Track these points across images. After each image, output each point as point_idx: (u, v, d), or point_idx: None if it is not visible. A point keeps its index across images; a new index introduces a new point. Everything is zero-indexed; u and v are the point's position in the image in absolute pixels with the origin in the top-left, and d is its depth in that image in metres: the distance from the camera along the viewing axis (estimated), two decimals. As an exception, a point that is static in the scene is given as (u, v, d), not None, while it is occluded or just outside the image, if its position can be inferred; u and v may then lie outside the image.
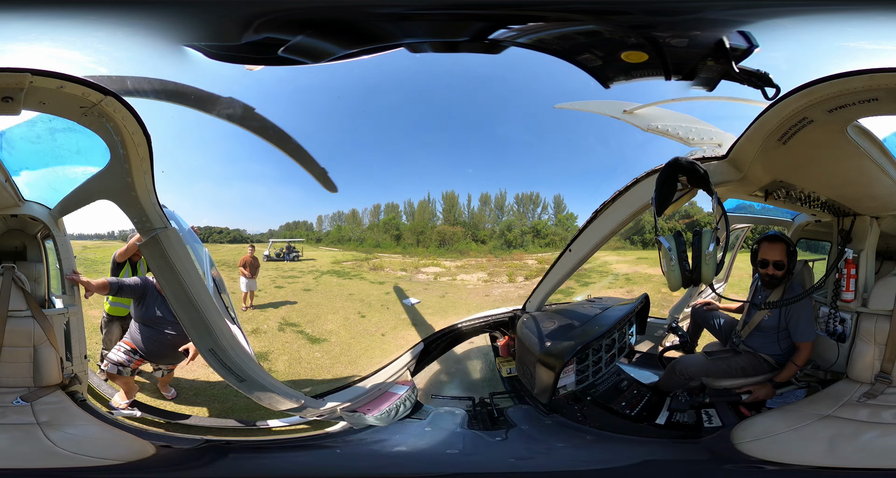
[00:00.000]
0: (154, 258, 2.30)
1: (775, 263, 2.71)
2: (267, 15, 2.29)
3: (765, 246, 2.75)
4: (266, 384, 2.60)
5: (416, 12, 2.36)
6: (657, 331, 3.88)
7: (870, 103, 1.84)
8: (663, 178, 2.22)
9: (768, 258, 2.72)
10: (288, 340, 5.29)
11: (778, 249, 2.71)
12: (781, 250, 2.70)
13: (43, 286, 2.86)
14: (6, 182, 2.51)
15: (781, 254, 2.70)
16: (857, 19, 2.27)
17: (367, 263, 7.91)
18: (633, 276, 7.18)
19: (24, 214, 2.73)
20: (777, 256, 2.70)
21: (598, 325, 3.06)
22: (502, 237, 8.04)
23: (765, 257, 2.73)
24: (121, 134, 2.09)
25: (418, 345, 3.35)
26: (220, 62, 2.53)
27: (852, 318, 2.64)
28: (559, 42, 2.50)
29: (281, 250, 7.87)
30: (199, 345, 2.48)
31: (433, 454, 2.49)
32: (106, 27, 2.29)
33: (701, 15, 2.28)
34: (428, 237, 7.95)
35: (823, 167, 2.22)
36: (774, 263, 2.71)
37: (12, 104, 1.89)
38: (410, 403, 2.85)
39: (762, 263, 2.74)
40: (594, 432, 2.68)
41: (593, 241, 2.90)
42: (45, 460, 2.14)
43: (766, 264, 2.73)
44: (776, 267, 2.71)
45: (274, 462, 2.42)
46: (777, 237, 2.77)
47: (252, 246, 6.21)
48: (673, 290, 2.29)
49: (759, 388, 2.77)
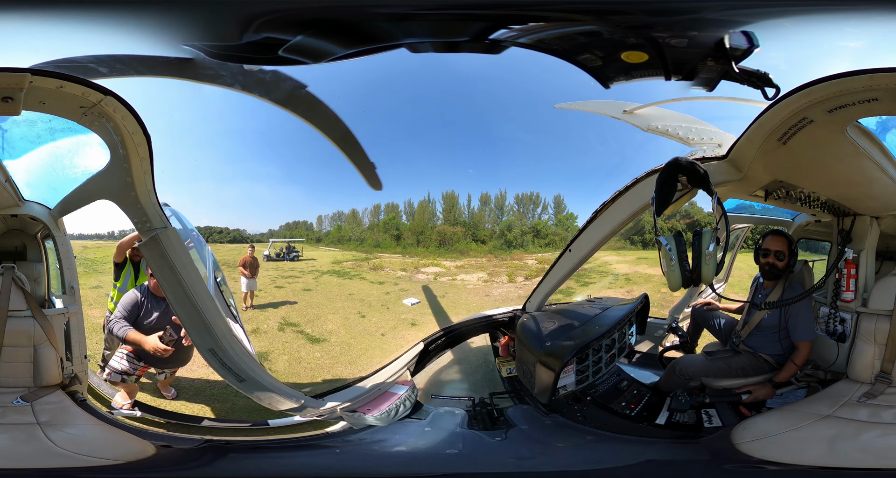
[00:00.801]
0: (154, 258, 2.30)
1: (776, 253, 2.76)
2: (267, 15, 2.29)
3: (768, 239, 2.82)
4: (266, 384, 2.59)
5: (417, 12, 2.36)
6: (657, 331, 3.88)
7: (869, 103, 1.84)
8: (663, 178, 2.22)
9: (770, 248, 2.78)
10: (288, 339, 5.29)
11: (780, 242, 2.78)
12: (783, 243, 2.77)
13: (43, 286, 2.86)
14: (6, 182, 2.51)
15: (783, 246, 2.76)
16: (857, 19, 2.27)
17: (367, 263, 7.91)
18: (633, 276, 7.18)
19: (24, 214, 2.73)
20: (778, 247, 2.77)
21: (598, 325, 3.06)
22: (502, 237, 8.04)
23: (767, 247, 2.80)
24: (121, 134, 2.09)
25: (418, 345, 3.35)
26: (221, 62, 2.53)
27: (852, 318, 2.64)
28: (560, 42, 2.50)
29: (281, 250, 7.87)
30: (199, 345, 2.47)
31: (433, 454, 2.49)
32: (106, 27, 2.29)
33: (701, 15, 2.28)
34: (428, 237, 7.94)
35: (823, 167, 2.22)
36: (776, 252, 2.76)
37: (12, 104, 1.89)
38: (410, 403, 2.85)
39: (764, 252, 2.80)
40: (594, 432, 2.68)
41: (593, 241, 2.90)
42: (45, 460, 2.14)
43: (767, 254, 2.79)
44: (777, 257, 2.76)
45: (274, 462, 2.42)
46: (781, 232, 2.84)
47: (252, 246, 6.21)
48: (673, 290, 2.29)
49: (759, 388, 2.77)
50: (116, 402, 2.96)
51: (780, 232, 2.84)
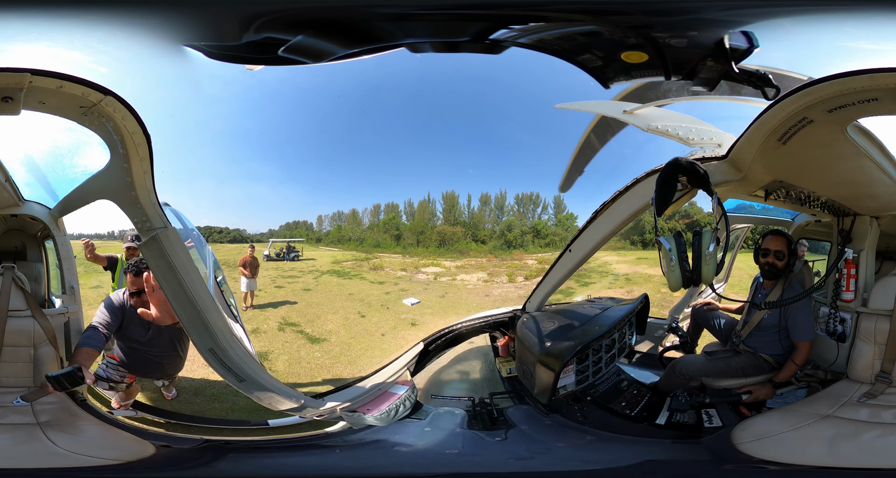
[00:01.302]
0: (154, 258, 2.30)
1: (776, 253, 2.77)
2: (267, 14, 2.29)
3: (768, 239, 2.83)
4: (266, 384, 2.59)
5: (418, 12, 2.36)
6: (657, 331, 3.88)
7: (869, 103, 1.84)
8: (663, 178, 2.22)
9: (770, 248, 2.79)
10: (288, 339, 5.29)
11: (780, 242, 2.78)
12: (783, 243, 2.78)
13: (43, 286, 2.86)
14: (6, 182, 2.51)
15: (783, 245, 2.77)
16: (856, 19, 2.27)
17: (367, 263, 7.90)
18: (633, 276, 7.17)
19: (23, 213, 2.73)
20: (778, 247, 2.77)
21: (598, 325, 3.06)
22: (502, 237, 8.02)
23: (766, 247, 2.80)
24: (120, 134, 2.09)
25: (418, 345, 3.35)
26: (221, 62, 2.53)
27: (852, 318, 2.64)
28: (560, 42, 2.50)
29: (281, 250, 7.85)
30: (199, 345, 2.47)
31: (433, 454, 2.49)
32: (106, 27, 2.29)
33: (700, 15, 2.28)
34: (428, 237, 7.92)
35: (823, 167, 2.22)
36: (775, 252, 2.77)
37: (12, 104, 1.89)
38: (410, 403, 2.85)
39: (763, 252, 2.80)
40: (594, 433, 2.68)
41: (593, 241, 2.90)
42: (45, 460, 2.14)
43: (767, 253, 2.79)
44: (776, 256, 2.77)
45: (273, 462, 2.42)
46: (780, 232, 2.85)
47: (252, 246, 6.18)
48: (673, 290, 2.29)
49: (759, 388, 2.77)
50: (116, 402, 2.96)
51: (780, 232, 2.85)
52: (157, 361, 2.85)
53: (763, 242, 2.84)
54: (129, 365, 2.83)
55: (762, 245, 2.83)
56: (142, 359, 2.82)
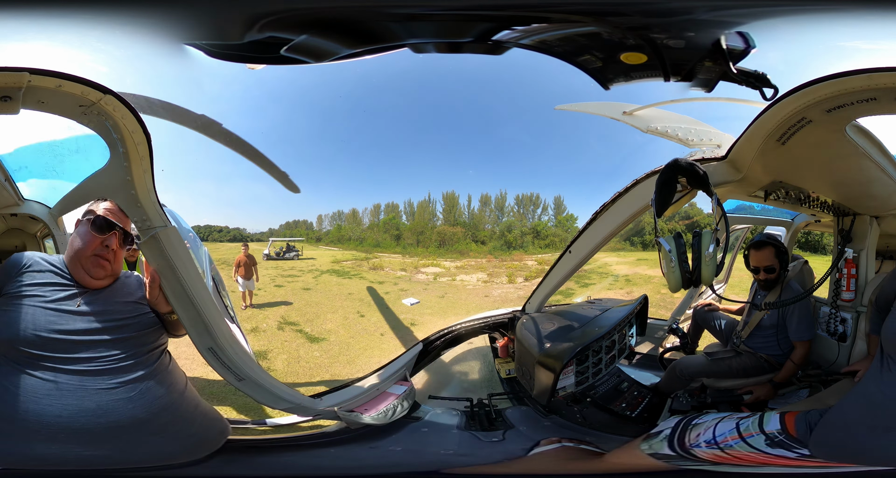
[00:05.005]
0: (153, 257, 2.30)
1: (766, 269, 2.76)
2: (270, 14, 2.29)
3: (753, 254, 2.79)
4: (264, 383, 2.59)
5: (423, 13, 2.36)
6: (657, 332, 3.87)
7: (868, 103, 1.84)
8: (663, 179, 2.22)
9: (758, 265, 2.77)
10: (287, 338, 5.29)
11: (765, 255, 2.75)
12: (769, 255, 2.74)
13: (42, 285, 2.85)
14: (6, 181, 2.52)
15: (770, 258, 2.74)
16: (855, 19, 2.27)
17: (366, 263, 7.91)
18: (632, 277, 7.17)
19: (23, 213, 2.73)
20: (766, 262, 2.74)
21: (598, 326, 3.05)
22: (502, 238, 8.03)
23: (755, 265, 2.79)
24: (120, 132, 2.09)
25: (417, 345, 3.35)
26: (222, 61, 2.53)
27: (853, 317, 2.63)
28: (561, 43, 2.50)
29: (281, 249, 7.85)
30: (198, 344, 2.47)
31: (430, 455, 2.49)
32: (105, 26, 2.29)
33: (695, 16, 2.28)
34: (428, 237, 7.93)
35: (823, 167, 2.22)
36: (765, 268, 2.76)
37: (11, 103, 1.89)
38: (408, 403, 2.84)
39: (754, 270, 2.80)
40: (594, 434, 2.68)
41: (593, 242, 2.90)
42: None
43: (757, 271, 2.79)
44: (767, 272, 2.76)
45: (272, 461, 2.41)
46: (763, 243, 2.79)
47: (245, 245, 6.05)
48: (673, 291, 2.28)
49: (760, 388, 2.76)
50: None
51: (763, 242, 2.78)
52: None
53: (750, 258, 2.79)
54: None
55: (750, 262, 2.79)
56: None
